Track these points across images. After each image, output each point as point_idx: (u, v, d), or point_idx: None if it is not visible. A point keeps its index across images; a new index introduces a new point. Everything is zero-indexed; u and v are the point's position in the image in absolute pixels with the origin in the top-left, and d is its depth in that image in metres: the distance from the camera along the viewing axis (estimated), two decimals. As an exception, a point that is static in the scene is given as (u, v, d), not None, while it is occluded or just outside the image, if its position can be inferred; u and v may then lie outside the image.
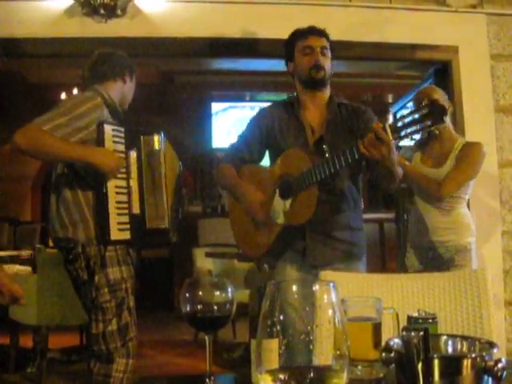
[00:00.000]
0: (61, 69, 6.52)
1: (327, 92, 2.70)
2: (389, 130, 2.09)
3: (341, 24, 3.57)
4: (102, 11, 3.35)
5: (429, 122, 1.99)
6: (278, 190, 2.59)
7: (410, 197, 3.60)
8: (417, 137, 2.18)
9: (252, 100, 8.32)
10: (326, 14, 2.68)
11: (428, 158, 3.35)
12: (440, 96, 3.27)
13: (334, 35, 2.69)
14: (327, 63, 2.64)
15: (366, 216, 6.79)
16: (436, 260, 3.28)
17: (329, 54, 2.65)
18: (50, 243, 4.37)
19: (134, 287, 2.78)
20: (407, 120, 2.04)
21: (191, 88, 7.84)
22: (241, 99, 8.33)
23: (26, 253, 4.70)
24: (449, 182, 3.17)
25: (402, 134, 2.06)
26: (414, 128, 2.04)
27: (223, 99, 8.32)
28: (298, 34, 2.68)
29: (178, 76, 7.50)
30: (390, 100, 8.12)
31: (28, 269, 4.54)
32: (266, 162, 2.81)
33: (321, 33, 2.66)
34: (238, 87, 7.81)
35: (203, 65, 6.34)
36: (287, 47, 2.72)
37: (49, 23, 3.37)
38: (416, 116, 2.02)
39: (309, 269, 2.56)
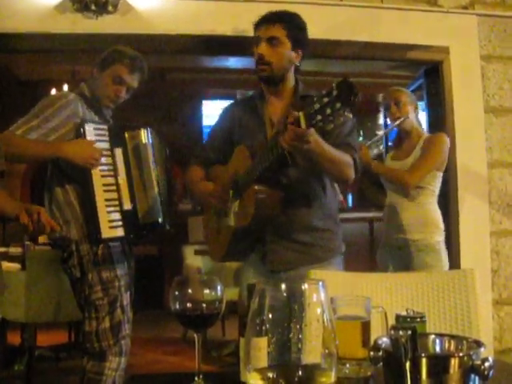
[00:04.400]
0: (51, 65, 6.49)
1: (289, 84, 2.47)
2: (302, 119, 1.87)
3: (332, 23, 3.57)
4: (93, 7, 3.32)
5: (338, 105, 1.75)
6: (231, 191, 2.43)
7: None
8: (330, 125, 1.95)
9: (243, 98, 8.30)
10: (317, 12, 2.68)
11: (397, 155, 3.55)
12: (406, 97, 3.51)
13: (325, 34, 2.64)
14: (277, 53, 2.36)
15: (356, 215, 6.90)
16: (406, 259, 3.34)
17: (284, 44, 2.35)
18: (40, 240, 4.37)
19: (130, 285, 2.78)
20: (319, 105, 1.81)
21: (183, 85, 7.83)
22: (232, 97, 8.32)
23: (14, 250, 4.68)
24: (415, 170, 3.33)
25: (314, 122, 1.83)
26: (325, 113, 1.80)
27: (214, 97, 8.30)
28: (255, 23, 2.42)
29: (169, 73, 7.48)
30: (381, 100, 8.14)
31: (17, 266, 4.52)
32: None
33: (275, 18, 2.36)
34: (229, 85, 7.80)
35: (195, 62, 6.34)
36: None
37: (39, 19, 3.35)
38: (327, 99, 1.78)
39: (270, 274, 2.40)
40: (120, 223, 2.69)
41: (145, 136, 2.84)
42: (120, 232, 2.68)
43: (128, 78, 2.78)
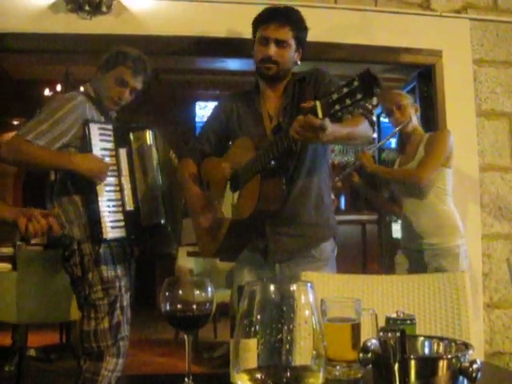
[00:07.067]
0: (45, 65, 6.47)
1: (286, 81, 2.50)
2: (319, 108, 1.84)
3: (325, 25, 3.57)
4: (87, 7, 3.32)
5: (359, 96, 1.74)
6: (229, 183, 2.41)
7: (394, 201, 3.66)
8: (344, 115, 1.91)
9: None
10: (311, 15, 2.66)
11: (404, 160, 3.49)
12: (407, 100, 3.47)
13: (319, 36, 2.64)
14: (285, 55, 2.40)
15: (349, 217, 6.90)
16: (422, 262, 3.29)
17: (291, 46, 2.40)
18: (32, 241, 4.35)
19: (129, 286, 2.78)
20: (337, 95, 1.79)
21: (176, 87, 7.82)
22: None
23: (6, 250, 4.66)
24: (422, 165, 3.27)
25: (332, 111, 1.81)
26: (344, 103, 1.78)
27: (208, 99, 8.30)
28: (261, 20, 2.43)
29: (163, 74, 7.48)
30: (374, 103, 8.14)
31: (8, 266, 4.50)
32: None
33: (284, 20, 2.38)
34: (223, 87, 7.80)
35: (189, 64, 6.33)
36: (252, 30, 2.49)
37: (33, 18, 3.34)
38: (346, 90, 1.76)
39: (271, 267, 2.41)
40: (122, 224, 2.68)
41: (150, 137, 2.83)
42: (122, 233, 2.68)
43: (131, 81, 2.78)
